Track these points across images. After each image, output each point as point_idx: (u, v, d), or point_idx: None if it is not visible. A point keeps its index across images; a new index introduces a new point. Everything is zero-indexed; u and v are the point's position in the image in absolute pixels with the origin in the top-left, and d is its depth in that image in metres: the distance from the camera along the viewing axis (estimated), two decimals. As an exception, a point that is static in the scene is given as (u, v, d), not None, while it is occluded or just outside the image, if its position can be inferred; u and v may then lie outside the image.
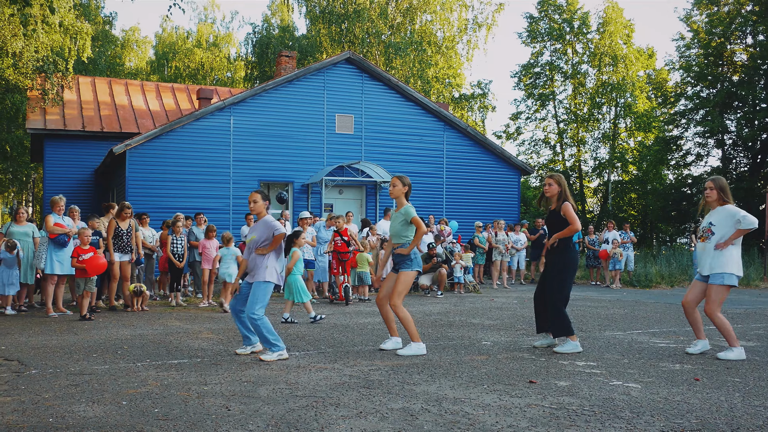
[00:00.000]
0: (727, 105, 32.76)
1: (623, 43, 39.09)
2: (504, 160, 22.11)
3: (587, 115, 39.49)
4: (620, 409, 4.67)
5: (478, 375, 5.75)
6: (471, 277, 15.62)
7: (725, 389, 5.36)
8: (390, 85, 20.73)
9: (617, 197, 38.92)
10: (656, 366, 6.29)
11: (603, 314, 10.76)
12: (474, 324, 9.28)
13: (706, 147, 35.13)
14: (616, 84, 38.00)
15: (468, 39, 40.74)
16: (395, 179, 7.01)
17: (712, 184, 6.98)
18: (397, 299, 6.79)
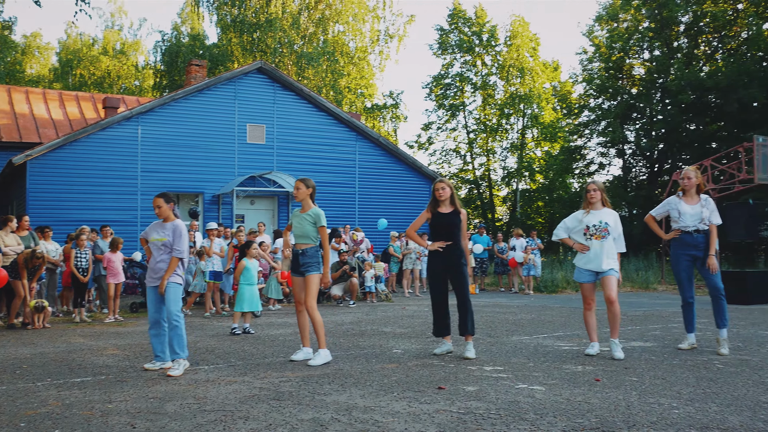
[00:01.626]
0: (627, 116, 34.20)
1: (530, 56, 40.31)
2: (416, 169, 22.40)
3: (496, 126, 40.48)
4: (525, 411, 4.82)
5: (389, 383, 5.82)
6: (383, 286, 15.74)
7: (623, 388, 5.60)
8: (302, 95, 20.71)
9: (525, 205, 39.99)
10: (560, 368, 6.51)
11: (511, 319, 11.04)
12: (385, 332, 9.37)
13: (608, 156, 36.59)
14: (523, 95, 39.10)
15: (380, 50, 41.19)
16: (298, 182, 7.08)
17: (596, 186, 7.38)
18: (311, 300, 6.83)
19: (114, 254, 11.88)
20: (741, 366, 6.66)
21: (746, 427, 4.41)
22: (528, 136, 41.02)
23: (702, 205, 7.51)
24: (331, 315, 11.93)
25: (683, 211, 7.57)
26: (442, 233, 7.27)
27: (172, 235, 6.61)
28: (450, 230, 7.25)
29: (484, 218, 39.40)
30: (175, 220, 6.73)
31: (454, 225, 7.24)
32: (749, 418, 4.64)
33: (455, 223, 7.24)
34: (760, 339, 8.68)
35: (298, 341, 8.14)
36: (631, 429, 4.38)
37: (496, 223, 39.47)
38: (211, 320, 11.38)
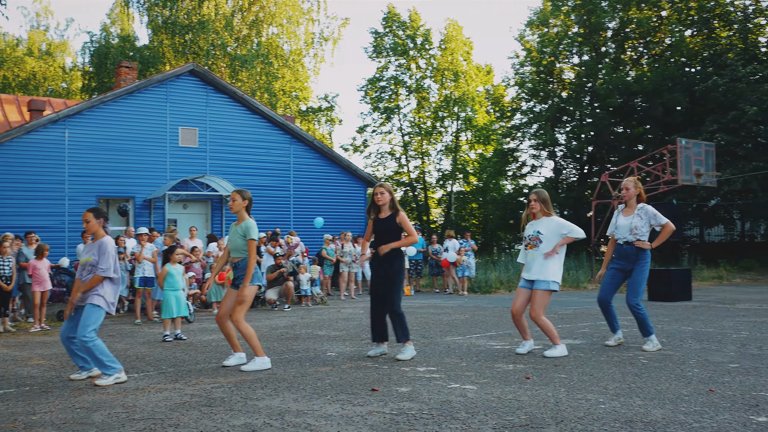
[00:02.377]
0: (558, 119, 34.98)
1: (463, 59, 40.81)
2: (351, 172, 22.43)
3: (431, 129, 40.83)
4: (457, 411, 4.88)
5: (322, 386, 5.82)
6: (318, 289, 15.71)
7: (552, 385, 5.72)
8: (236, 97, 20.52)
9: (460, 207, 40.45)
10: (491, 367, 6.61)
11: (445, 320, 11.16)
12: (320, 336, 9.35)
13: (540, 159, 37.35)
14: (457, 99, 39.55)
15: (315, 52, 41.07)
16: (235, 194, 6.97)
17: (536, 197, 7.50)
18: (239, 314, 6.72)
19: (40, 261, 11.54)
20: (664, 361, 6.89)
21: (668, 420, 4.56)
22: (462, 138, 41.51)
23: (636, 215, 7.67)
24: (265, 319, 11.84)
25: (618, 224, 7.79)
26: (383, 239, 7.29)
27: (97, 253, 6.31)
28: (389, 235, 7.26)
29: (419, 220, 39.67)
30: (103, 237, 6.42)
31: (392, 229, 7.25)
32: (671, 411, 4.80)
33: (393, 227, 7.26)
34: (682, 335, 8.99)
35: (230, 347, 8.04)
36: (559, 425, 4.48)
37: (431, 225, 39.81)
38: (141, 327, 11.16)
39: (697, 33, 33.14)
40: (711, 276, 22.78)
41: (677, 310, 12.77)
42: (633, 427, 4.41)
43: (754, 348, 7.75)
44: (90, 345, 6.08)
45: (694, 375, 6.13)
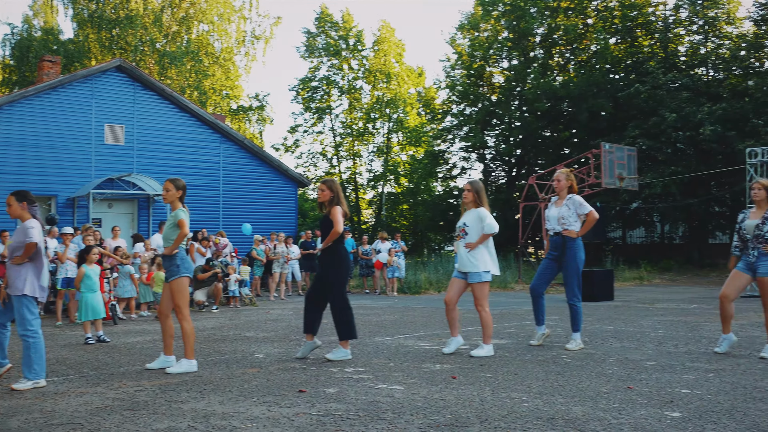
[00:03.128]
0: (487, 122, 35.53)
1: (396, 61, 41.03)
2: (281, 172, 22.29)
3: (362, 130, 40.91)
4: (383, 411, 4.91)
5: (249, 388, 5.77)
6: (247, 290, 15.55)
7: (478, 385, 5.82)
8: (164, 95, 20.13)
9: (390, 208, 40.66)
10: (419, 367, 6.68)
11: (374, 321, 11.20)
12: (248, 337, 9.27)
13: (470, 161, 37.88)
14: (389, 100, 39.74)
15: (246, 51, 40.62)
16: (168, 183, 6.82)
17: (469, 186, 7.58)
18: (184, 310, 6.61)
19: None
20: (586, 359, 7.09)
21: (588, 417, 4.70)
22: (393, 140, 41.73)
23: (564, 205, 7.83)
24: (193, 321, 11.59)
25: (549, 216, 7.96)
26: (324, 234, 7.31)
27: (21, 234, 6.04)
28: (328, 231, 7.26)
29: (350, 221, 39.70)
30: (28, 220, 6.12)
31: (330, 225, 7.24)
32: (591, 408, 4.95)
33: (326, 226, 7.25)
34: (603, 334, 9.27)
35: (156, 348, 7.91)
36: (483, 423, 4.56)
37: (362, 226, 39.89)
38: (63, 330, 10.84)
39: (621, 41, 34.16)
40: (632, 276, 23.51)
41: (600, 309, 13.14)
42: (554, 424, 4.53)
43: (671, 346, 8.04)
44: (31, 341, 5.89)
45: (613, 373, 6.33)
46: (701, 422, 4.57)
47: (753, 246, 7.19)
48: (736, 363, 6.89)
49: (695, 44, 32.48)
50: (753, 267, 7.20)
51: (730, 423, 4.55)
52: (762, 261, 7.12)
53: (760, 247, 7.14)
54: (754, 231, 7.17)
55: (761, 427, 4.47)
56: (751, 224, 7.20)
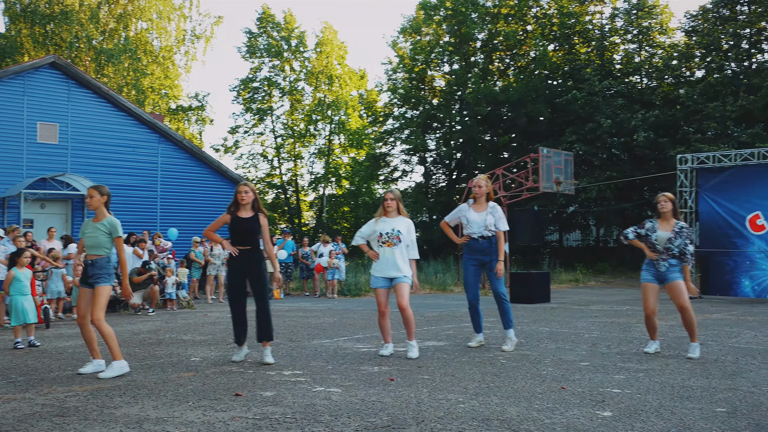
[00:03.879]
0: (428, 126, 35.82)
1: (338, 63, 41.00)
2: (221, 173, 22.03)
3: (304, 131, 40.74)
4: (320, 414, 4.90)
5: (184, 392, 5.68)
6: (185, 293, 15.32)
7: (415, 386, 5.85)
8: (100, 93, 19.69)
9: (332, 210, 40.60)
10: (357, 370, 6.68)
11: (313, 323, 11.16)
12: (184, 340, 9.13)
13: (411, 164, 38.10)
14: (331, 102, 39.68)
15: (186, 50, 40.05)
16: (92, 190, 6.71)
17: (392, 195, 7.67)
18: (98, 313, 6.48)
19: None
20: (522, 360, 7.20)
21: (522, 417, 4.78)
22: (335, 142, 41.69)
23: (488, 213, 7.98)
24: (128, 324, 11.42)
25: (470, 219, 8.04)
26: (241, 238, 7.20)
27: None
28: (249, 235, 7.19)
29: (290, 223, 39.49)
30: None
31: (254, 230, 7.19)
32: (525, 408, 5.03)
33: (254, 228, 7.19)
34: (539, 335, 9.43)
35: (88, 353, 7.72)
36: (420, 424, 4.59)
37: (303, 228, 39.71)
38: (-9, 333, 10.49)
39: (559, 48, 34.86)
40: (568, 279, 23.99)
41: (536, 311, 13.37)
42: (489, 424, 4.59)
43: (604, 347, 8.24)
44: None
45: (548, 374, 6.45)
46: (631, 421, 4.69)
47: (664, 258, 7.52)
48: (665, 363, 7.09)
49: (630, 53, 33.37)
50: (661, 277, 7.57)
51: (658, 421, 4.68)
52: (670, 271, 7.51)
53: (669, 258, 7.51)
54: (665, 243, 7.48)
55: (687, 424, 4.61)
56: (663, 236, 7.53)
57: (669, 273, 7.51)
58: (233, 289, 7.35)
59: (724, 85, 28.15)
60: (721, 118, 26.87)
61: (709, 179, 18.03)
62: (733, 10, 29.52)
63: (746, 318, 12.17)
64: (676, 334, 9.45)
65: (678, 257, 7.49)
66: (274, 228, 35.41)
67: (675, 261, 7.50)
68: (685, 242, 7.47)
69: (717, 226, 17.67)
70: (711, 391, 5.71)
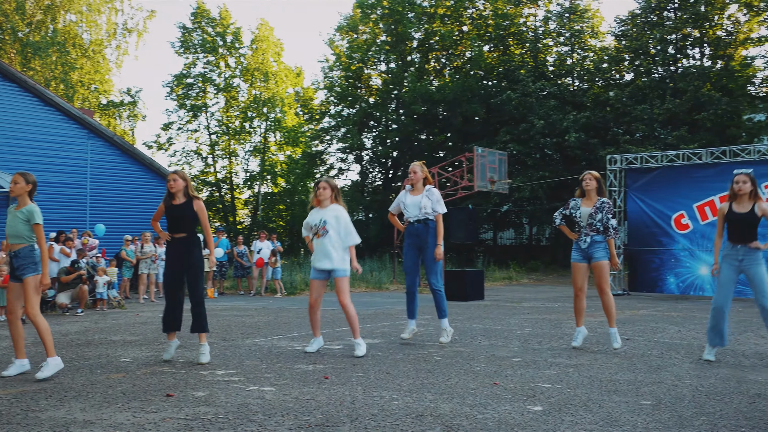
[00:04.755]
0: (365, 124, 35.88)
1: (274, 60, 40.67)
2: (154, 170, 21.61)
3: (239, 128, 40.28)
4: (254, 413, 4.85)
5: (113, 394, 5.55)
6: (115, 292, 14.97)
7: (350, 384, 5.85)
8: (26, 87, 19.07)
9: (267, 208, 40.27)
10: (291, 368, 6.64)
11: (248, 322, 11.05)
12: (114, 341, 8.92)
13: (347, 162, 38.09)
14: (267, 99, 39.33)
15: (117, 44, 39.14)
16: (17, 176, 6.46)
17: (326, 184, 7.58)
18: (33, 308, 6.26)
19: None
20: (455, 357, 7.28)
21: (455, 413, 4.83)
22: (271, 139, 41.34)
23: (423, 195, 8.04)
24: (55, 325, 11.08)
25: (407, 203, 8.11)
26: (174, 224, 7.09)
27: None
28: (182, 221, 7.08)
29: (225, 221, 39.00)
30: None
31: (187, 216, 7.07)
32: (458, 404, 5.09)
33: (187, 214, 7.07)
34: (473, 332, 9.55)
35: (9, 354, 7.47)
36: (354, 422, 4.59)
37: (238, 226, 39.28)
38: None
39: (494, 49, 35.37)
40: (502, 277, 24.37)
41: (470, 309, 13.53)
42: (423, 421, 4.62)
43: (535, 343, 8.40)
44: None
45: (481, 370, 6.53)
46: (560, 415, 4.80)
47: (586, 233, 7.73)
48: (594, 358, 7.27)
49: (562, 55, 34.09)
50: (587, 254, 7.76)
51: (586, 415, 4.80)
52: (594, 248, 7.71)
53: (592, 233, 7.70)
54: (587, 219, 7.70)
55: (613, 417, 4.74)
56: (586, 212, 7.76)
57: (594, 251, 7.69)
58: (167, 277, 7.25)
59: (652, 88, 29.03)
60: (649, 121, 27.70)
61: (637, 179, 18.56)
62: (661, 15, 30.45)
63: (671, 314, 12.58)
64: (605, 329, 9.68)
65: (602, 232, 7.69)
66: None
67: (599, 237, 7.69)
68: (607, 216, 7.67)
69: (644, 225, 18.21)
70: (637, 384, 5.89)
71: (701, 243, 17.21)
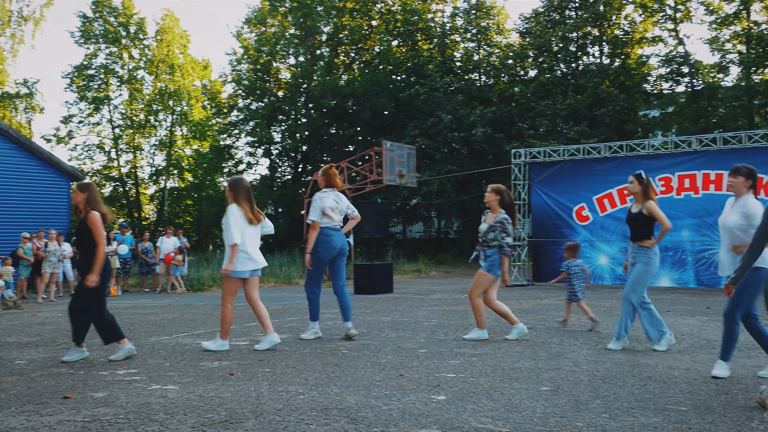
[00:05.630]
0: (274, 118, 35.58)
1: (180, 52, 39.71)
2: (52, 165, 20.77)
3: (144, 122, 39.17)
4: (155, 413, 4.76)
5: (6, 397, 5.33)
6: (11, 292, 14.33)
7: (255, 380, 5.81)
8: None
9: (174, 204, 39.36)
10: (196, 366, 6.54)
11: (152, 320, 10.80)
12: (9, 343, 8.54)
13: (256, 156, 37.70)
14: (172, 92, 38.40)
15: (12, 32, 37.36)
16: None
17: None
18: None
19: None
20: (362, 350, 7.33)
21: (360, 405, 4.87)
22: (177, 133, 40.41)
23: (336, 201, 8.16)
24: (-56, 327, 10.54)
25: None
26: (78, 241, 6.93)
27: None
28: (78, 237, 6.91)
29: (129, 217, 37.88)
30: None
31: (81, 232, 6.88)
32: (364, 396, 5.13)
33: (80, 230, 6.89)
34: (381, 324, 9.64)
35: None
36: (258, 418, 4.57)
37: (143, 222, 38.24)
38: None
39: (403, 44, 35.67)
40: (411, 269, 24.65)
41: (379, 302, 13.64)
42: (328, 414, 4.64)
43: (442, 334, 8.55)
44: None
45: (387, 362, 6.60)
46: (463, 403, 4.91)
47: (480, 248, 8.06)
48: (497, 347, 7.47)
49: (469, 51, 34.70)
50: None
51: (488, 402, 4.93)
52: (486, 262, 7.99)
53: (485, 248, 8.01)
54: (482, 236, 8.04)
55: (514, 404, 4.89)
56: (482, 229, 8.06)
57: (483, 262, 8.04)
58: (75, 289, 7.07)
59: (555, 84, 29.93)
60: (552, 116, 28.55)
61: (541, 173, 19.12)
62: (563, 14, 31.41)
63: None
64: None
65: (496, 248, 7.92)
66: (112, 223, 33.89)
67: (491, 251, 7.94)
68: (501, 235, 7.87)
69: (547, 217, 18.79)
70: (537, 371, 6.08)
71: (600, 234, 17.89)
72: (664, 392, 5.28)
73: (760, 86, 26.44)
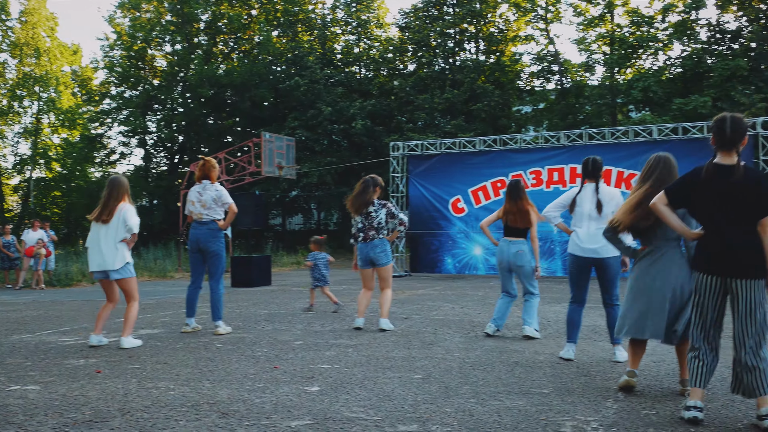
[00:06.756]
0: (149, 107, 34.44)
1: (47, 36, 37.73)
2: None
3: (7, 108, 36.97)
4: (14, 414, 4.52)
5: None
6: None
7: (124, 377, 5.62)
8: None
9: (40, 195, 37.42)
10: (60, 364, 6.26)
11: (14, 318, 10.24)
12: None
13: (130, 146, 36.41)
14: (39, 77, 36.45)
15: None
16: None
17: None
18: None
19: None
20: (238, 343, 7.24)
21: (233, 399, 4.81)
22: (44, 121, 38.38)
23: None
24: None
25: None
26: None
27: None
28: None
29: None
30: None
31: None
32: (237, 390, 5.07)
33: None
34: (257, 317, 9.55)
35: None
36: (125, 416, 4.43)
37: (6, 215, 36.13)
38: None
39: (283, 34, 35.33)
40: (290, 262, 24.54)
41: (256, 294, 13.50)
42: (199, 409, 4.56)
43: (318, 326, 8.57)
44: None
45: (262, 354, 6.55)
46: (336, 393, 4.94)
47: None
48: (372, 337, 7.56)
49: (350, 44, 34.81)
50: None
51: (361, 392, 4.99)
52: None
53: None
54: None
55: (386, 392, 4.97)
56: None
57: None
58: None
59: (433, 79, 30.53)
60: (430, 110, 29.11)
61: (418, 165, 19.46)
62: (441, 10, 32.04)
63: (447, 292, 13.37)
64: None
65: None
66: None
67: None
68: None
69: (424, 209, 19.15)
70: (410, 360, 6.21)
71: (475, 225, 18.41)
72: (529, 376, 5.52)
73: (622, 86, 27.95)
